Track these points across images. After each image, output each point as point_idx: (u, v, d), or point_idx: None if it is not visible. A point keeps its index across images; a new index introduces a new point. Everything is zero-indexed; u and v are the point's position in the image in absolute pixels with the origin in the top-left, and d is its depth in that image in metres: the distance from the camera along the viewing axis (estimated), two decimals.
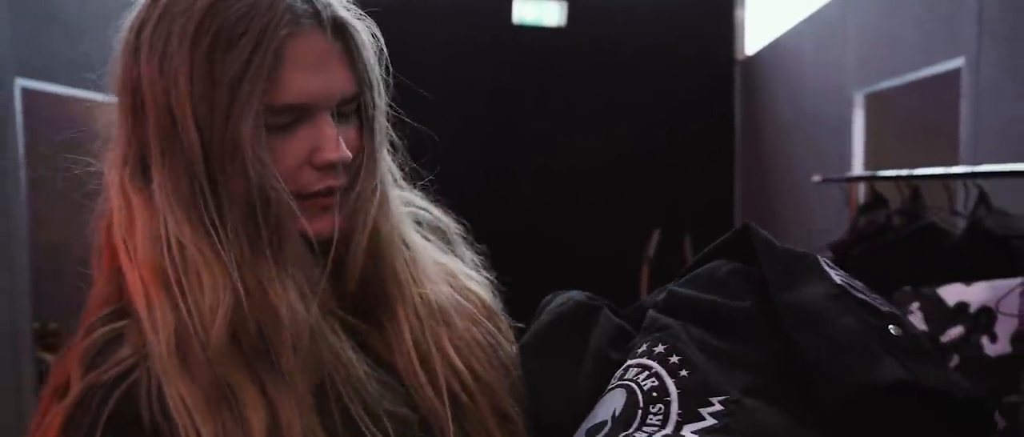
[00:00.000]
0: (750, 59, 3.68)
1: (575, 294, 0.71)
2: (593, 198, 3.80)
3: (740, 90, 3.74)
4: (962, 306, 1.23)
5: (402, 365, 0.59)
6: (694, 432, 0.50)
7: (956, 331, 1.23)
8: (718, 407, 0.51)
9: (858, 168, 2.34)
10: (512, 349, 0.67)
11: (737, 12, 3.74)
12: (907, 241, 1.39)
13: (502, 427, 0.62)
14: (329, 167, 0.55)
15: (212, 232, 0.51)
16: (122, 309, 0.54)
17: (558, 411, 0.62)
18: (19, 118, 2.15)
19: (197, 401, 0.49)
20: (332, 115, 0.56)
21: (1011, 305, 1.12)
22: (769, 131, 3.38)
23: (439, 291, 0.64)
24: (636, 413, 0.53)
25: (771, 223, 3.27)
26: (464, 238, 0.74)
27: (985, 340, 1.21)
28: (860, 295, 0.55)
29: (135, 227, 0.53)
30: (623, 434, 0.52)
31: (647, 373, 0.55)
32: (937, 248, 1.34)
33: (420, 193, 0.72)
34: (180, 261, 0.51)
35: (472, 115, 3.91)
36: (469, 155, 3.87)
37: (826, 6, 2.69)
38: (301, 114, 0.54)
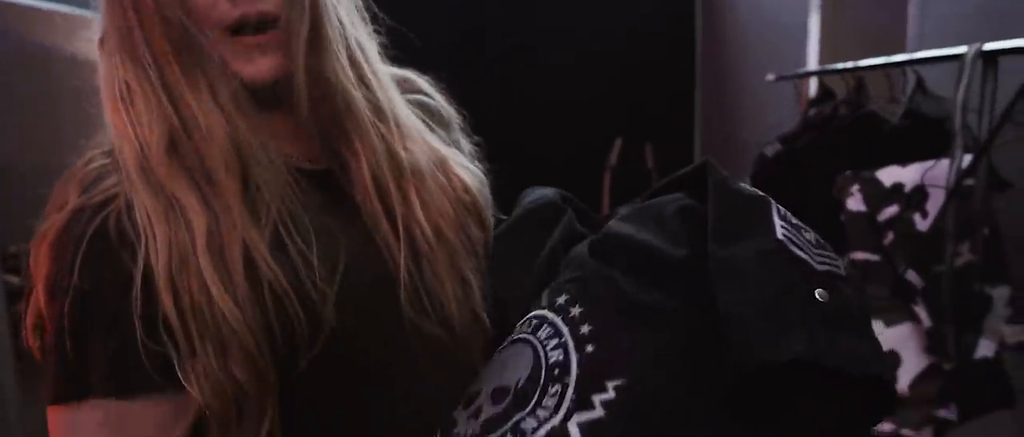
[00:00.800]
0: None
1: (549, 193, 0.73)
2: (554, 107, 3.81)
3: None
4: (898, 186, 1.32)
5: (359, 194, 0.63)
6: (580, 424, 0.50)
7: (891, 210, 1.32)
8: (610, 394, 0.50)
9: (813, 67, 2.40)
10: (486, 238, 0.70)
11: None
12: (848, 129, 1.47)
13: (459, 285, 0.65)
14: None
15: (145, 63, 0.57)
16: (113, 147, 0.61)
17: (512, 287, 0.65)
18: None
19: (156, 210, 0.56)
20: None
21: (937, 178, 1.21)
22: (728, 35, 3.40)
23: (415, 155, 0.66)
24: (535, 391, 0.53)
25: (729, 124, 3.35)
26: (462, 128, 0.76)
27: (916, 217, 1.30)
28: (799, 252, 0.54)
29: (100, 68, 0.60)
30: (517, 416, 0.52)
31: (556, 341, 0.54)
32: (877, 134, 1.42)
33: (425, 78, 0.75)
34: (127, 96, 0.58)
35: (440, 21, 3.84)
36: (438, 58, 3.79)
37: None
38: None
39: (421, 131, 0.70)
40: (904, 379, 1.25)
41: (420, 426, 0.59)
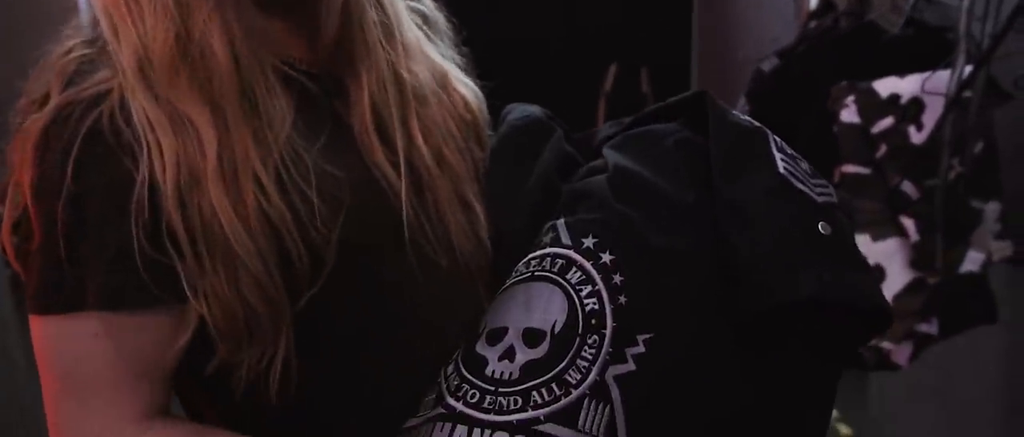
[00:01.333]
0: None
1: (533, 109, 0.71)
2: (548, 35, 3.71)
3: None
4: (894, 97, 1.28)
5: (356, 126, 0.60)
6: (615, 377, 0.50)
7: (886, 122, 1.29)
8: (641, 348, 0.51)
9: None
10: (486, 157, 0.68)
11: None
12: (846, 40, 1.42)
13: (462, 212, 0.63)
14: None
15: None
16: (98, 37, 0.55)
17: (505, 214, 0.63)
18: None
19: (159, 121, 0.51)
20: None
21: (937, 85, 1.17)
22: None
23: (419, 77, 0.64)
24: (573, 340, 0.52)
25: (728, 44, 3.26)
26: (453, 40, 0.73)
27: (911, 129, 1.27)
28: (800, 186, 0.55)
29: None
30: (559, 366, 0.51)
31: (590, 289, 0.53)
32: (875, 44, 1.37)
33: None
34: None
35: None
36: None
37: None
38: None
39: (422, 44, 0.67)
40: (888, 293, 1.24)
41: (431, 353, 0.58)
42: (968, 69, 1.17)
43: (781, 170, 0.55)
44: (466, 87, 0.70)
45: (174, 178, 0.51)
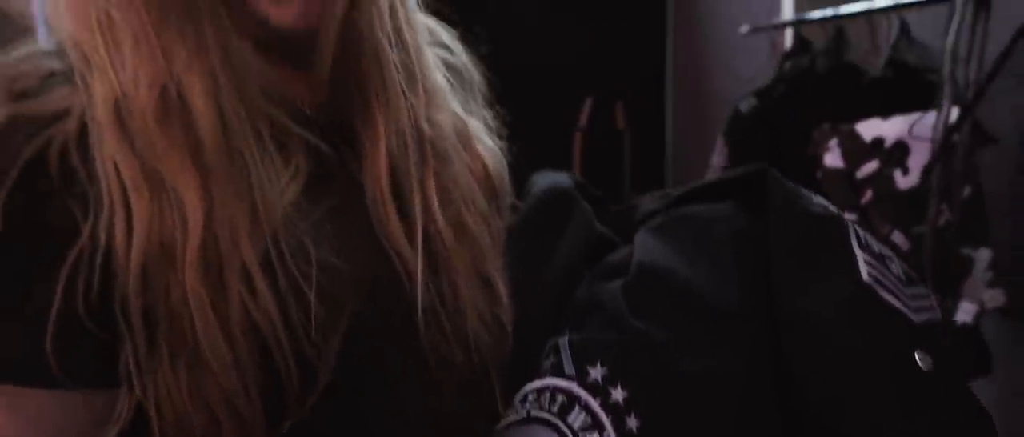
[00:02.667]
0: None
1: (561, 180, 0.61)
2: (522, 68, 3.69)
3: None
4: (878, 141, 1.24)
5: (370, 190, 0.51)
6: None
7: (871, 166, 1.24)
8: None
9: (789, 15, 2.30)
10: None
11: None
12: (826, 81, 1.38)
13: (481, 292, 0.54)
14: None
15: (140, 7, 0.44)
16: (61, 51, 0.47)
17: (523, 309, 0.53)
18: None
19: (133, 173, 0.43)
20: None
21: (923, 130, 1.13)
22: None
23: (442, 129, 0.55)
24: None
25: (702, 80, 3.25)
26: (485, 95, 0.66)
27: (897, 173, 1.23)
28: (891, 298, 0.44)
29: None
30: None
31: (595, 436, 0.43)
32: (857, 86, 1.33)
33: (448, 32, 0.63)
34: (107, 31, 0.45)
35: None
36: None
37: None
38: None
39: (446, 96, 0.58)
40: None
41: None
42: (954, 112, 1.13)
43: (865, 276, 0.43)
44: (488, 148, 0.62)
45: (142, 250, 0.42)
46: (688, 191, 0.54)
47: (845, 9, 1.41)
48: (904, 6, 1.22)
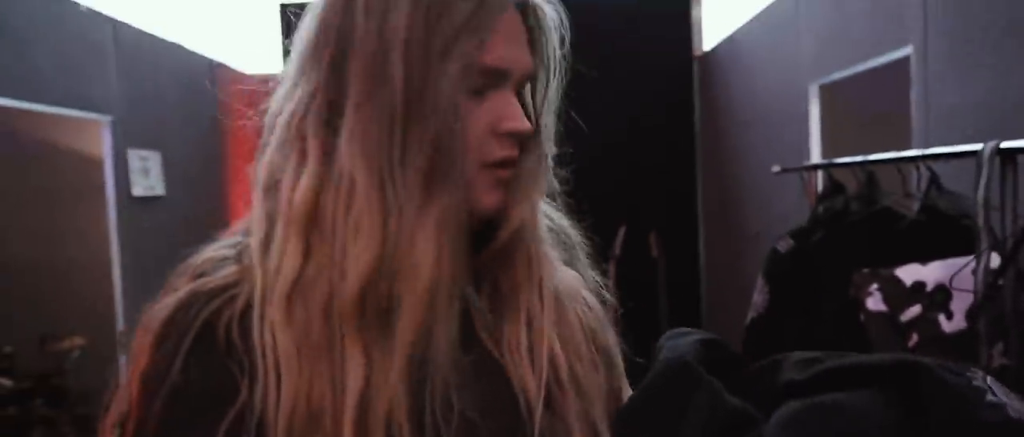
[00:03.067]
0: (707, 55, 3.74)
1: (686, 347, 0.60)
2: (556, 198, 3.81)
3: (698, 85, 3.80)
4: (919, 285, 1.26)
5: (509, 341, 0.58)
6: None
7: (914, 310, 1.26)
8: None
9: (816, 157, 2.39)
10: (616, 383, 0.66)
11: (693, 9, 3.80)
12: (864, 225, 1.42)
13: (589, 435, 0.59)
14: (512, 136, 0.57)
15: (388, 181, 0.52)
16: (239, 243, 0.56)
17: None
18: None
19: (288, 348, 0.50)
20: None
21: (964, 281, 1.15)
22: (728, 125, 3.43)
23: (560, 287, 0.63)
24: None
25: (733, 214, 3.32)
26: (589, 255, 0.73)
27: (941, 317, 1.24)
28: None
29: (301, 171, 0.53)
30: None
31: None
32: (893, 230, 1.37)
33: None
34: (345, 203, 0.52)
35: None
36: None
37: (778, 2, 2.74)
38: (496, 82, 0.56)
39: (557, 257, 0.67)
40: None
41: None
42: (994, 258, 1.15)
43: None
44: (595, 306, 0.69)
45: (288, 416, 0.48)
46: (829, 369, 0.53)
47: (874, 156, 1.48)
48: (931, 157, 1.28)
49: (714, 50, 3.64)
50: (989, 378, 0.46)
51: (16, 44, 2.25)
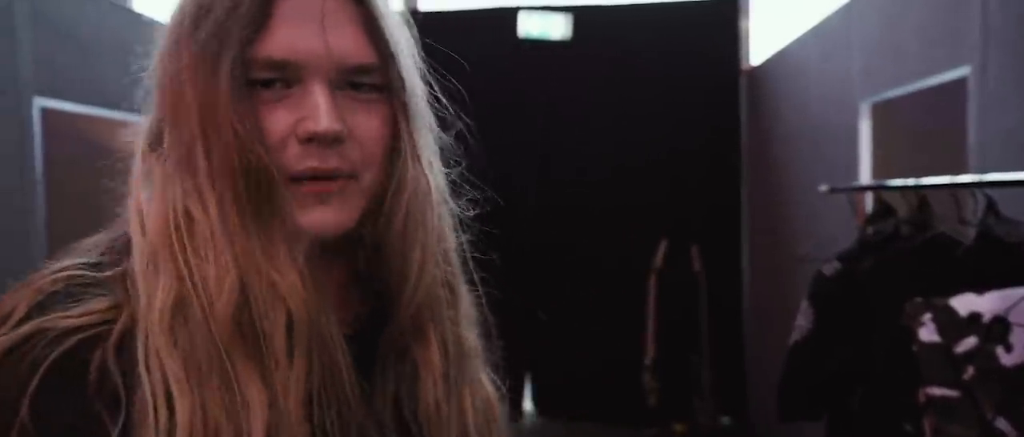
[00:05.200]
0: (755, 70, 3.69)
1: None
2: (600, 209, 3.80)
3: (746, 100, 3.75)
4: (975, 316, 1.22)
5: (424, 400, 0.53)
6: None
7: (970, 342, 1.22)
8: None
9: (865, 177, 2.33)
10: None
11: (742, 23, 3.75)
12: (917, 252, 1.39)
13: None
14: (312, 141, 0.48)
15: (212, 202, 0.47)
16: (108, 263, 0.49)
17: None
18: (37, 136, 2.18)
19: (177, 372, 0.44)
20: (337, 87, 0.49)
21: (1021, 315, 1.11)
22: (775, 141, 3.38)
23: (469, 343, 0.59)
24: None
25: (779, 232, 3.26)
26: (491, 338, 0.67)
27: (1000, 350, 1.20)
28: None
29: (151, 198, 0.49)
30: None
31: None
32: (948, 258, 1.33)
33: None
34: (186, 229, 0.47)
35: (477, 128, 3.90)
36: (473, 168, 3.86)
37: (830, 16, 2.69)
38: (290, 77, 0.48)
39: (472, 318, 0.62)
40: None
41: None
42: None
43: None
44: (491, 382, 0.63)
45: None
46: None
47: (929, 180, 1.44)
48: (989, 184, 1.24)
49: (763, 65, 3.59)
50: None
51: (82, 52, 2.35)
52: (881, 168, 2.32)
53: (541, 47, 3.80)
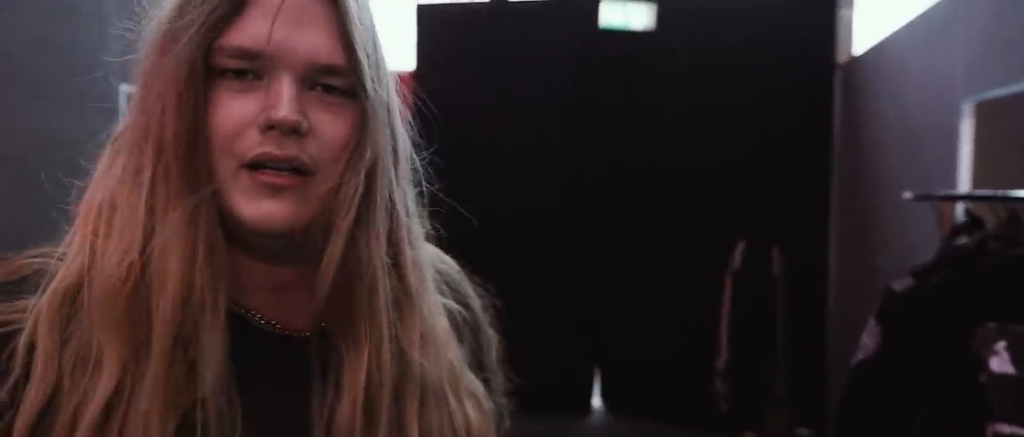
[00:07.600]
0: (852, 62, 3.45)
1: None
2: (676, 203, 3.67)
3: (841, 95, 3.51)
4: None
5: (343, 415, 0.51)
6: None
7: None
8: None
9: (964, 185, 2.13)
10: None
11: (843, 12, 3.50)
12: (998, 270, 1.25)
13: None
14: (272, 129, 0.48)
15: (145, 183, 0.49)
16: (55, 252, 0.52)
17: None
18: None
19: (47, 347, 0.46)
20: (311, 87, 0.50)
21: None
22: (869, 140, 3.15)
23: (429, 371, 0.55)
24: None
25: (864, 239, 3.04)
26: (499, 355, 0.64)
27: None
28: None
29: (96, 177, 0.52)
30: None
31: None
32: None
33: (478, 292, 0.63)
34: (107, 210, 0.50)
35: (556, 119, 3.87)
36: (550, 158, 3.84)
37: (934, 7, 2.47)
38: (260, 68, 0.49)
39: (446, 340, 0.58)
40: None
41: None
42: None
43: None
44: (477, 405, 0.59)
45: (29, 420, 0.45)
46: None
47: (1018, 192, 1.29)
48: None
49: (860, 57, 3.35)
50: None
51: None
52: (982, 175, 2.11)
53: (623, 37, 3.71)
